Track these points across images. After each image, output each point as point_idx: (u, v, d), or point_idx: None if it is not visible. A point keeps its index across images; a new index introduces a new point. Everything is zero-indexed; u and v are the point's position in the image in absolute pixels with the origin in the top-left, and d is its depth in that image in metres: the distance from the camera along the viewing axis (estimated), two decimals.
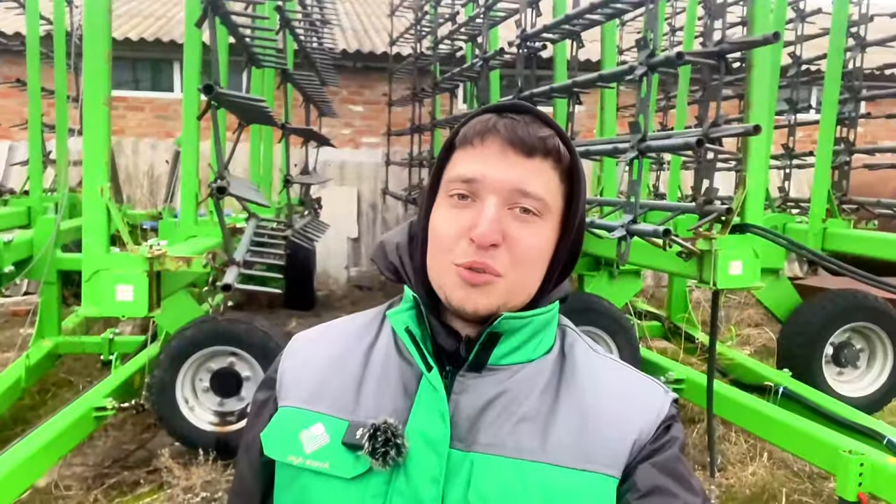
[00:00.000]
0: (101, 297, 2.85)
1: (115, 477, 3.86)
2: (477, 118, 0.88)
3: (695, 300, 6.24)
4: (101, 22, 2.84)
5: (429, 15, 7.80)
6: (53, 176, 6.70)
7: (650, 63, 2.67)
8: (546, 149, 0.85)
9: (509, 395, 0.86)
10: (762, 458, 4.10)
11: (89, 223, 2.92)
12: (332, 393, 0.90)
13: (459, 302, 0.84)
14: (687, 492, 0.84)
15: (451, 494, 0.82)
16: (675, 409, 0.90)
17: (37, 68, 5.95)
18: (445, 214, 0.86)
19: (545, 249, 0.87)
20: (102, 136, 2.92)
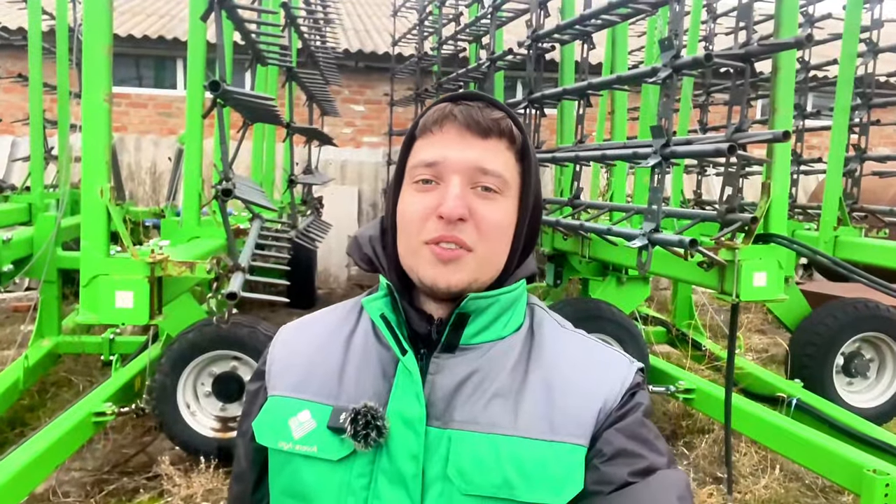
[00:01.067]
0: (99, 304, 2.75)
1: (114, 483, 3.76)
2: (434, 108, 0.93)
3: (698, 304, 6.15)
4: (102, 16, 2.74)
5: (432, 15, 7.72)
6: (55, 172, 6.61)
7: (675, 65, 2.59)
8: (500, 130, 0.91)
9: (481, 373, 0.90)
10: (774, 471, 4.02)
11: (88, 225, 2.82)
12: (316, 380, 0.94)
13: (432, 279, 0.88)
14: (652, 452, 0.87)
15: (431, 470, 0.86)
16: (640, 377, 0.94)
17: (38, 64, 5.85)
18: (411, 199, 0.90)
19: (508, 224, 0.92)
20: (102, 135, 2.82)
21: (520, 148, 0.93)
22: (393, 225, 0.95)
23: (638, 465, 0.85)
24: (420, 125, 0.93)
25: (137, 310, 2.78)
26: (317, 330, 1.02)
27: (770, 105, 2.95)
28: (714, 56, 2.50)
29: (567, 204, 4.16)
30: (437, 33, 7.12)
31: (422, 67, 8.27)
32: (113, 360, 4.56)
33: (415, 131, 0.94)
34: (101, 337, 5.00)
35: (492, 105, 0.92)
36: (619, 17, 3.40)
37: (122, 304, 2.72)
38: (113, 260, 2.87)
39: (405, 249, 0.91)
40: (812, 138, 10.57)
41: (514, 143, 0.93)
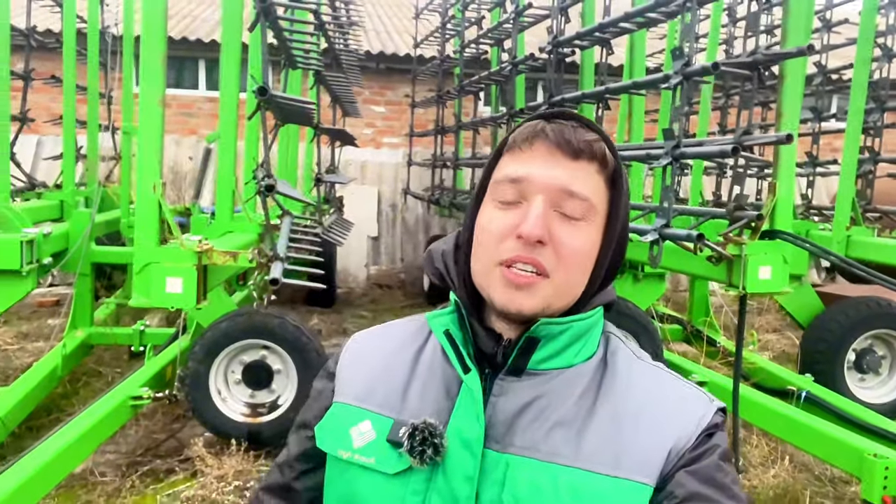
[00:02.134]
0: (151, 289, 2.95)
1: (147, 465, 3.96)
2: (526, 124, 0.91)
3: (715, 305, 6.28)
4: (158, 24, 2.95)
5: (455, 18, 7.88)
6: (83, 170, 6.85)
7: (685, 72, 2.73)
8: (592, 152, 0.87)
9: (545, 399, 0.87)
10: (783, 462, 4.14)
11: (142, 217, 3.02)
12: (381, 392, 0.94)
13: (503, 303, 0.86)
14: (728, 499, 0.82)
15: (486, 493, 0.84)
16: (720, 418, 0.89)
17: (72, 65, 6.09)
18: (492, 215, 0.88)
19: (590, 252, 0.88)
20: (156, 135, 3.02)
21: (611, 173, 0.90)
22: (468, 241, 0.92)
23: None
24: (510, 141, 0.91)
25: (186, 294, 2.98)
26: (388, 341, 1.01)
27: (776, 109, 3.09)
28: (721, 65, 2.64)
29: None
30: (459, 36, 7.28)
31: (444, 69, 8.43)
32: (145, 350, 4.78)
33: (503, 147, 0.92)
34: (132, 328, 5.21)
35: (586, 126, 0.89)
36: (636, 24, 3.54)
37: (172, 290, 2.92)
38: (164, 249, 3.07)
39: (479, 267, 0.89)
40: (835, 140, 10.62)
41: (605, 168, 0.89)
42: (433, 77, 9.05)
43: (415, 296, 9.22)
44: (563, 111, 0.91)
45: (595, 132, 0.89)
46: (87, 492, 3.63)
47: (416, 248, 10.37)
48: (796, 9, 3.03)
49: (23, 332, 6.64)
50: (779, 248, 3.02)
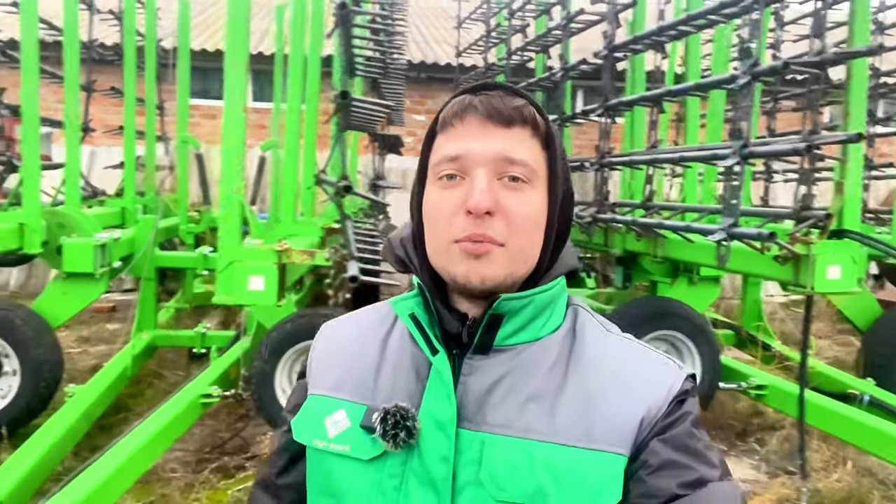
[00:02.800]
0: (234, 287, 3.06)
1: (215, 462, 4.08)
2: (453, 101, 0.90)
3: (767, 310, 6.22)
4: (241, 36, 3.08)
5: (500, 27, 7.97)
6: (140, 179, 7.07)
7: (754, 72, 2.76)
8: (523, 118, 0.87)
9: (515, 375, 0.87)
10: (845, 466, 4.11)
11: (226, 218, 3.14)
12: (353, 380, 0.94)
13: (464, 276, 0.85)
14: (702, 464, 0.82)
15: (463, 473, 0.84)
16: (689, 384, 0.89)
17: (133, 78, 6.30)
18: (436, 196, 0.88)
19: (539, 215, 0.88)
20: (238, 141, 3.14)
21: (544, 135, 0.90)
22: (420, 225, 0.93)
23: (687, 477, 0.81)
24: (440, 120, 0.91)
25: (267, 292, 3.09)
26: (357, 328, 1.01)
27: (843, 109, 3.09)
28: (791, 64, 2.67)
29: (640, 206, 4.33)
30: (505, 43, 7.36)
31: (488, 77, 8.51)
32: (208, 352, 4.93)
33: (435, 127, 0.92)
34: (194, 331, 5.36)
35: (512, 93, 0.89)
36: (695, 27, 3.58)
37: (254, 287, 3.03)
38: (246, 248, 3.18)
39: (434, 249, 0.89)
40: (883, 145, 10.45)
41: (537, 131, 0.89)
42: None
43: None
44: (486, 82, 0.91)
45: (522, 97, 0.89)
46: (162, 486, 3.76)
47: None
48: (861, 9, 3.04)
49: (83, 337, 6.86)
50: (847, 248, 3.02)
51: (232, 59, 3.12)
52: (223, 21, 11.77)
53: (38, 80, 4.25)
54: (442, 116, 0.90)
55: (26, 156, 4.17)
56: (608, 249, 4.98)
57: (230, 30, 3.14)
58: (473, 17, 9.30)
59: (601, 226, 4.56)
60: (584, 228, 4.58)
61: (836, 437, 3.96)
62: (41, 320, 4.14)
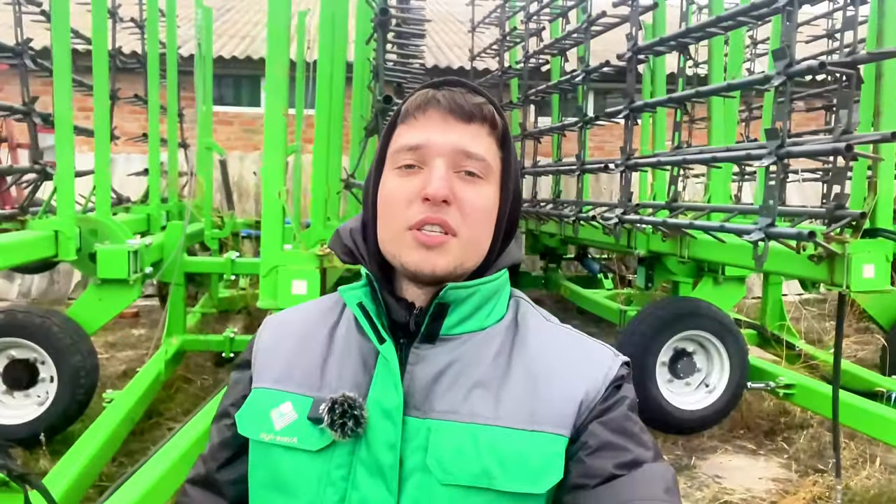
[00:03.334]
0: (277, 291, 3.11)
1: None
2: (416, 94, 0.94)
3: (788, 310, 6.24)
4: (282, 42, 3.13)
5: (515, 30, 8.02)
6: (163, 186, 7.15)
7: (789, 72, 2.80)
8: (483, 115, 0.91)
9: (461, 363, 0.90)
10: (874, 464, 4.14)
11: (268, 223, 3.20)
12: (299, 372, 0.95)
13: (416, 264, 0.88)
14: (637, 446, 0.87)
15: (410, 460, 0.86)
16: (625, 370, 0.93)
17: (156, 87, 6.38)
18: (393, 183, 0.91)
19: (491, 209, 0.92)
20: (279, 146, 3.19)
21: (500, 134, 0.94)
22: (374, 214, 0.94)
23: (623, 458, 0.85)
24: (403, 111, 0.94)
25: (311, 296, 3.13)
26: (301, 321, 1.02)
27: (874, 109, 3.14)
28: (827, 64, 2.71)
29: (665, 207, 4.37)
30: (522, 47, 7.41)
31: (504, 81, 8.56)
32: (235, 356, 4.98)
33: (397, 118, 0.95)
34: (223, 336, 5.41)
35: (473, 91, 0.94)
36: (723, 29, 3.62)
37: (297, 291, 3.07)
38: (288, 253, 3.23)
39: (387, 235, 0.91)
40: None
41: (495, 129, 0.93)
42: (489, 89, 9.18)
43: None
44: (449, 79, 0.95)
45: (483, 96, 0.93)
46: None
47: None
48: (893, 8, 3.08)
49: (110, 342, 6.93)
50: (881, 247, 3.05)
51: (274, 66, 3.18)
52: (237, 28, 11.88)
53: (70, 89, 4.32)
54: (405, 108, 0.94)
55: (60, 164, 4.23)
56: (632, 250, 5.01)
57: (271, 36, 3.19)
58: (487, 22, 9.37)
59: (626, 227, 4.59)
60: (609, 230, 4.61)
61: (863, 434, 3.98)
62: (77, 327, 4.20)
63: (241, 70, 10.92)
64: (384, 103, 2.89)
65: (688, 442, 4.62)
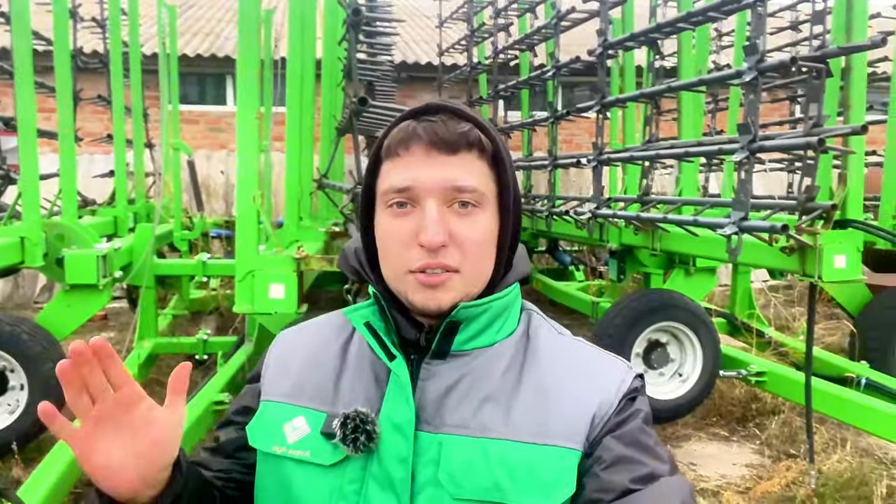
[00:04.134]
0: (254, 296, 3.07)
1: None
2: (397, 128, 0.91)
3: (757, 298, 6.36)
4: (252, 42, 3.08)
5: (483, 26, 8.01)
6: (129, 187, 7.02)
7: (760, 67, 2.84)
8: (469, 142, 0.88)
9: (471, 377, 0.90)
10: (845, 448, 4.24)
11: (242, 227, 3.15)
12: (312, 387, 0.95)
13: (422, 304, 0.88)
14: (653, 459, 0.86)
15: (422, 474, 0.86)
16: (639, 383, 0.93)
17: (120, 86, 6.25)
18: (388, 226, 0.89)
19: (490, 236, 0.91)
20: (253, 150, 3.15)
21: (492, 155, 0.91)
22: (371, 244, 0.94)
23: (639, 471, 0.84)
24: (385, 147, 0.91)
25: (288, 300, 3.11)
26: (314, 336, 1.02)
27: (844, 102, 3.20)
28: (798, 59, 2.75)
29: (636, 200, 4.42)
30: (490, 42, 7.41)
31: (473, 77, 8.56)
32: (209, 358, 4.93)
33: (379, 153, 0.92)
34: (195, 338, 5.34)
35: (455, 116, 0.90)
36: (693, 24, 3.66)
37: (275, 296, 3.04)
38: (265, 257, 3.19)
39: (391, 274, 0.91)
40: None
41: (484, 152, 0.90)
42: (457, 84, 9.18)
43: None
44: (430, 105, 0.91)
45: (467, 120, 0.90)
46: None
47: None
48: (859, 3, 3.15)
49: None
50: (852, 237, 3.12)
51: (244, 65, 3.13)
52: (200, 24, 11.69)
53: (33, 92, 4.21)
54: (386, 144, 0.90)
55: (24, 168, 4.13)
56: (604, 244, 5.06)
57: (241, 35, 3.14)
58: (455, 17, 9.35)
59: (599, 221, 4.63)
60: (582, 224, 4.65)
61: (833, 419, 4.08)
62: (47, 334, 4.10)
63: (205, 68, 10.76)
64: (359, 105, 2.87)
65: (662, 431, 4.69)
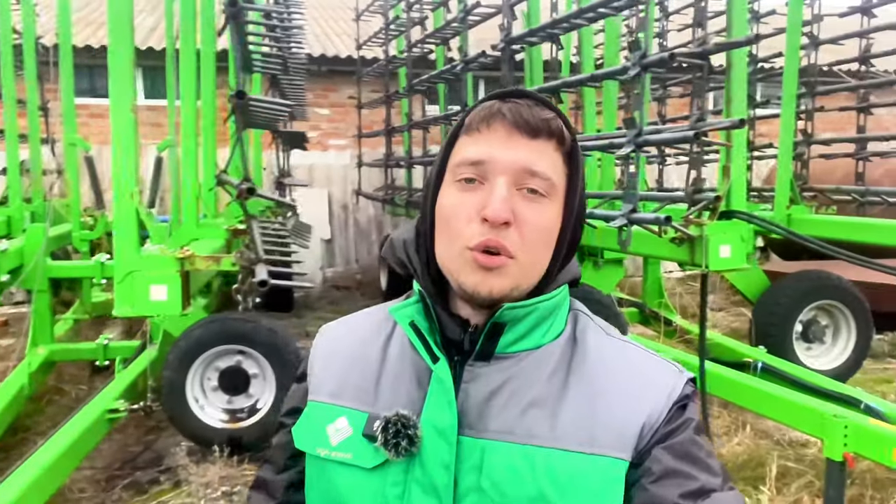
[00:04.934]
0: (135, 298, 2.94)
1: (127, 478, 3.93)
2: (481, 105, 0.90)
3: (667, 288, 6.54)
4: (125, 31, 2.94)
5: (398, 19, 7.96)
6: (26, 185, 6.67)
7: (643, 63, 2.89)
8: (550, 130, 0.87)
9: (516, 381, 0.88)
10: (745, 431, 4.39)
11: (120, 226, 3.01)
12: (353, 386, 0.94)
13: (474, 286, 0.85)
14: (704, 472, 0.83)
15: (464, 480, 0.85)
16: (689, 389, 0.90)
17: (11, 80, 5.93)
18: (454, 199, 0.87)
19: (553, 229, 0.88)
20: (131, 143, 3.01)
21: (569, 149, 0.89)
22: (430, 225, 0.91)
23: (689, 486, 0.81)
24: (466, 123, 0.90)
25: (171, 302, 2.98)
26: (356, 333, 1.01)
27: (725, 96, 3.28)
28: (677, 55, 2.81)
29: None
30: (405, 36, 7.36)
31: (389, 70, 8.50)
32: (111, 364, 4.72)
33: (459, 129, 0.91)
34: (95, 343, 5.11)
35: (541, 104, 0.89)
36: (587, 20, 3.69)
37: (156, 297, 2.91)
38: (145, 257, 3.06)
39: (446, 252, 0.88)
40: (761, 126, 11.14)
41: (562, 145, 0.88)
42: (377, 78, 9.11)
43: (373, 295, 9.26)
44: (517, 90, 0.91)
45: (551, 109, 0.89)
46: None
47: (370, 248, 10.41)
48: (738, 1, 3.23)
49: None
50: (736, 228, 3.22)
51: (116, 56, 2.97)
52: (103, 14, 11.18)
53: None
54: (468, 119, 0.90)
55: None
56: None
57: (112, 23, 2.99)
58: (371, 10, 9.26)
59: None
60: None
61: (735, 403, 4.22)
62: None
63: None
64: (237, 98, 2.78)
65: None
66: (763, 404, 3.66)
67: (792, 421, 3.46)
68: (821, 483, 3.38)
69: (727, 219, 3.25)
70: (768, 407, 3.62)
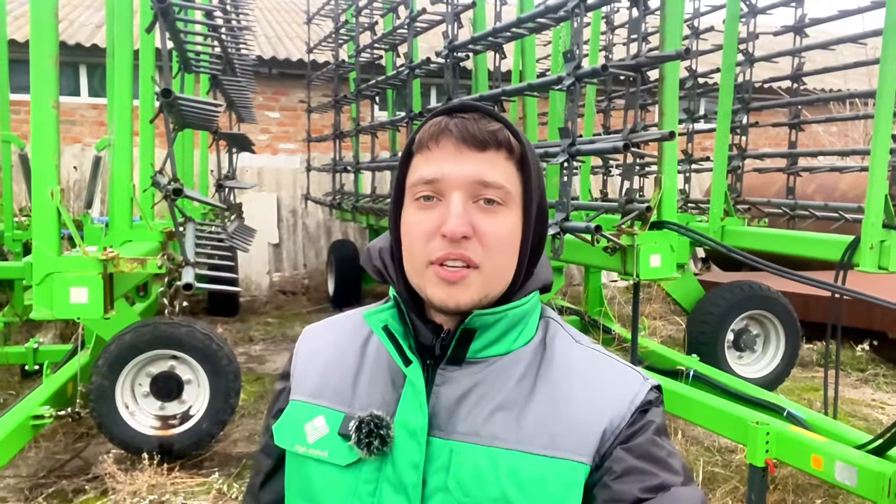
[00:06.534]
0: (54, 300, 2.86)
1: (52, 486, 3.81)
2: (429, 122, 0.92)
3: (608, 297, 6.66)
4: (48, 25, 2.86)
5: (348, 24, 7.94)
6: None
7: (577, 74, 2.94)
8: (497, 141, 0.89)
9: (484, 385, 0.91)
10: (676, 436, 4.49)
11: (39, 226, 2.92)
12: (332, 387, 0.97)
13: (440, 300, 0.88)
14: (664, 470, 0.86)
15: (433, 480, 0.88)
16: (654, 395, 0.92)
17: None
18: (413, 217, 0.90)
19: (513, 236, 0.91)
20: (51, 140, 2.93)
21: (519, 157, 0.92)
22: (397, 239, 0.95)
23: (650, 482, 0.85)
24: (416, 141, 0.93)
25: (92, 304, 2.90)
26: (336, 335, 1.04)
27: (658, 109, 3.37)
28: (609, 67, 2.87)
29: None
30: (353, 41, 7.34)
31: (339, 74, 8.46)
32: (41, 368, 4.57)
33: (412, 147, 0.94)
34: (24, 347, 4.96)
35: (488, 116, 0.91)
36: (527, 30, 3.75)
37: (77, 300, 2.83)
38: (66, 258, 2.97)
39: (411, 268, 0.92)
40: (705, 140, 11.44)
41: (512, 153, 0.91)
42: (328, 82, 9.06)
43: (320, 301, 9.19)
44: (464, 104, 0.93)
45: (497, 120, 0.92)
46: None
47: (318, 253, 10.32)
48: (672, 15, 3.32)
49: None
50: (666, 238, 3.29)
51: (37, 50, 2.89)
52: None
53: None
54: (418, 137, 0.92)
55: None
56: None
57: (34, 16, 2.90)
58: (323, 14, 9.22)
59: None
60: None
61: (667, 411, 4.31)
62: None
63: None
64: (163, 97, 2.73)
65: None
66: (692, 411, 3.75)
67: (718, 428, 3.55)
68: (745, 488, 3.47)
69: (658, 229, 3.33)
70: (697, 414, 3.71)
